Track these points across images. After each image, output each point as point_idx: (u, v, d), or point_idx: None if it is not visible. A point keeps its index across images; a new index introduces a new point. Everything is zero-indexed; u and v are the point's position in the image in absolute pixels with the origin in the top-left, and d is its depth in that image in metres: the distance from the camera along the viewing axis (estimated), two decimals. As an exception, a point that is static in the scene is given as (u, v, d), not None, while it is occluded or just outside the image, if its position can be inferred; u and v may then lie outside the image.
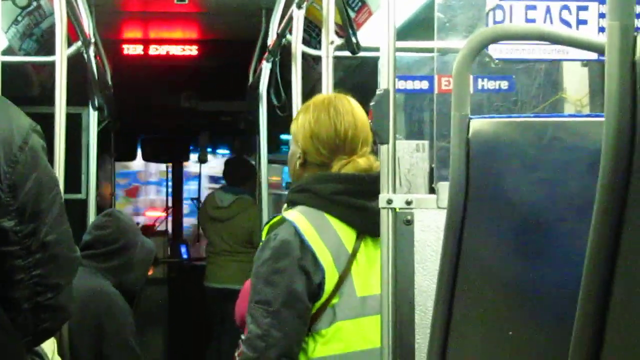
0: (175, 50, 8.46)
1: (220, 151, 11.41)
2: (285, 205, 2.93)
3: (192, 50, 8.43)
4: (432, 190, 2.41)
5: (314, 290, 2.70)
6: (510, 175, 1.62)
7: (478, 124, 1.69)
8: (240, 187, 8.02)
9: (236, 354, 6.40)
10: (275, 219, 2.81)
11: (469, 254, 1.67)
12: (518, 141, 1.65)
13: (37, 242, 2.12)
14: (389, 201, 2.36)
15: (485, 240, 1.66)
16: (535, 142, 1.61)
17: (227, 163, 8.62)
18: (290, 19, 4.22)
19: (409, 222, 2.36)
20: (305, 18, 4.16)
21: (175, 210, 10.47)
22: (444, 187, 2.28)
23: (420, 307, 2.34)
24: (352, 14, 4.59)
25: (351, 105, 2.91)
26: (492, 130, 1.69)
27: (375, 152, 2.84)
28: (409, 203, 2.36)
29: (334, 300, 2.71)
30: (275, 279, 2.70)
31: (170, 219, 10.44)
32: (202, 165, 10.60)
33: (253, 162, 8.59)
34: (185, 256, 9.52)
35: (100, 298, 4.10)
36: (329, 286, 2.70)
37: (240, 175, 8.17)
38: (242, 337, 2.86)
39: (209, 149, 10.59)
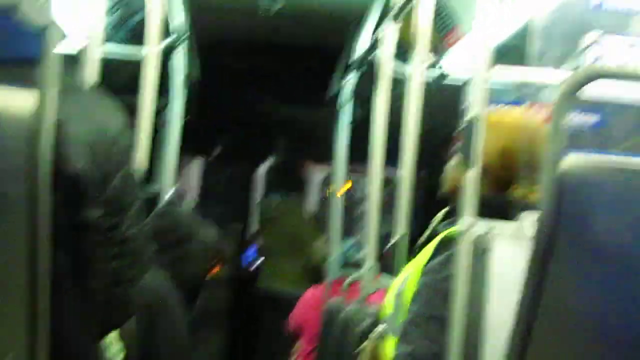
0: (262, 53, 8.51)
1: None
2: (445, 211, 2.85)
3: (280, 54, 8.47)
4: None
5: None
6: (601, 215, 1.61)
7: (572, 160, 1.68)
8: (290, 190, 8.14)
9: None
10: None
11: (552, 290, 1.65)
12: (612, 182, 1.63)
13: (119, 235, 2.15)
14: (470, 226, 2.35)
15: (570, 278, 1.65)
16: (629, 183, 1.59)
17: (276, 167, 8.75)
18: (382, 33, 4.22)
19: (487, 249, 2.34)
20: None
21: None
22: (526, 218, 2.26)
23: (491, 337, 2.31)
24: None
25: (543, 132, 2.78)
26: (585, 168, 1.67)
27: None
28: (489, 230, 2.34)
29: None
30: None
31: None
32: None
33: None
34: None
35: (154, 292, 4.09)
36: None
37: (289, 179, 8.30)
38: (400, 349, 2.64)
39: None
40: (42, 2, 1.81)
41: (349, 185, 9.22)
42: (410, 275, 2.74)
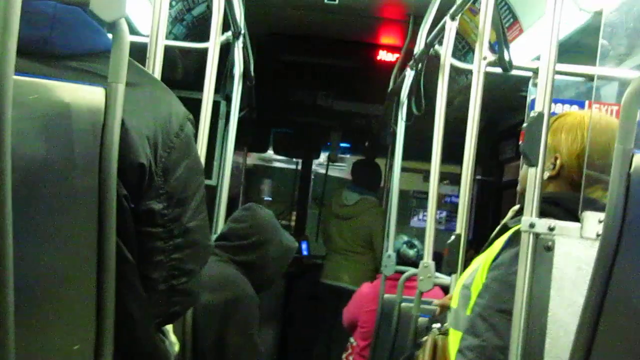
0: (318, 48, 8.53)
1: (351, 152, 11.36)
2: (516, 207, 2.83)
3: (334, 50, 8.48)
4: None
5: None
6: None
7: (642, 159, 1.66)
8: (366, 188, 8.13)
9: (344, 357, 6.43)
10: None
11: (618, 291, 1.63)
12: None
13: (180, 227, 2.16)
14: (532, 225, 2.32)
15: (637, 278, 1.63)
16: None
17: (356, 164, 8.73)
18: (441, 29, 4.20)
19: (550, 249, 2.32)
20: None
21: (300, 206, 10.53)
22: (589, 217, 2.24)
23: (551, 335, 2.29)
24: (503, 30, 4.53)
25: None
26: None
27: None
28: (551, 229, 2.31)
29: None
30: None
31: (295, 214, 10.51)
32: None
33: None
34: (305, 252, 9.59)
35: (231, 286, 4.14)
36: None
37: (367, 177, 8.29)
38: (467, 342, 2.62)
39: (341, 150, 10.61)
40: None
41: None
42: (478, 269, 2.73)
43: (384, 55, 8.23)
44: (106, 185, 1.84)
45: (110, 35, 1.95)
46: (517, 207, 2.84)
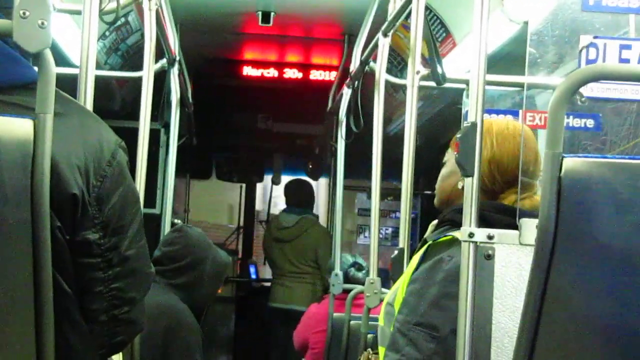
0: (254, 71, 8.55)
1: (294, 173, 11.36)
2: (435, 222, 2.84)
3: (271, 73, 8.50)
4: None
5: None
6: (602, 216, 1.61)
7: (571, 163, 1.68)
8: (303, 208, 8.12)
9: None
10: (444, 239, 2.64)
11: (555, 293, 1.65)
12: (611, 182, 1.63)
13: (118, 255, 2.14)
14: (471, 234, 2.33)
15: (573, 280, 1.64)
16: (630, 184, 1.59)
17: (288, 185, 8.70)
18: (375, 46, 4.22)
19: (490, 257, 2.33)
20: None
21: (246, 230, 10.51)
22: (527, 224, 2.26)
23: (497, 344, 2.31)
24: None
25: (534, 138, 2.76)
26: (584, 170, 1.67)
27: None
28: (490, 237, 2.33)
29: None
30: (447, 303, 2.50)
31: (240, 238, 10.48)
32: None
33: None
34: (253, 276, 9.55)
35: (169, 314, 4.12)
36: None
37: (302, 196, 8.28)
38: (388, 359, 2.60)
39: (283, 171, 10.62)
40: (37, 27, 1.81)
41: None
42: (399, 286, 2.74)
43: (321, 75, 8.27)
44: (39, 217, 1.82)
45: (36, 68, 1.93)
46: (435, 221, 2.85)
